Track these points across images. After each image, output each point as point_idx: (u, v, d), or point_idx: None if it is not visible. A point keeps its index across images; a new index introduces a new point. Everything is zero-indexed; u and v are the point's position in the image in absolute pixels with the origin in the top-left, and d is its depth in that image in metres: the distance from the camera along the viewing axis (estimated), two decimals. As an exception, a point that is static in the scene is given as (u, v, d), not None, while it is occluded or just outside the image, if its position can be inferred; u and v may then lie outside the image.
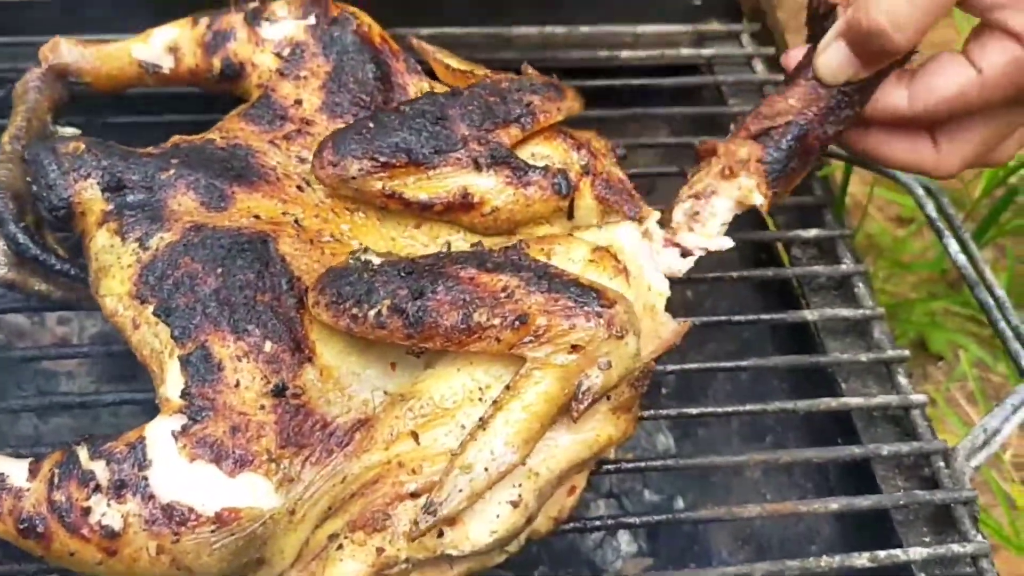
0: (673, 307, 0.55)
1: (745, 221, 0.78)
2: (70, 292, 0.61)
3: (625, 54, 0.79)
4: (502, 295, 0.50)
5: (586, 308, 0.49)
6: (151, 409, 0.70)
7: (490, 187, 0.57)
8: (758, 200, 0.59)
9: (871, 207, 1.18)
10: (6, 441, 0.71)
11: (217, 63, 0.65)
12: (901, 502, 0.56)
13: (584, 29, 0.81)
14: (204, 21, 0.66)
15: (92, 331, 0.82)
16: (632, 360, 0.51)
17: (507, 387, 0.50)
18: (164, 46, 0.66)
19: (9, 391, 0.73)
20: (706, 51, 0.81)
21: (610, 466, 0.55)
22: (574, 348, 0.49)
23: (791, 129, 0.58)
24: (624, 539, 0.71)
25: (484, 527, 0.49)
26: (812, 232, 0.70)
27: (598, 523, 0.56)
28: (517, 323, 0.49)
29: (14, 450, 0.54)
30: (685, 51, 0.81)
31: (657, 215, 0.58)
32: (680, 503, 0.72)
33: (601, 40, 0.82)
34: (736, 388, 0.76)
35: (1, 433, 0.71)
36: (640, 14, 0.82)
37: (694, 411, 0.60)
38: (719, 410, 0.60)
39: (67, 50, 0.67)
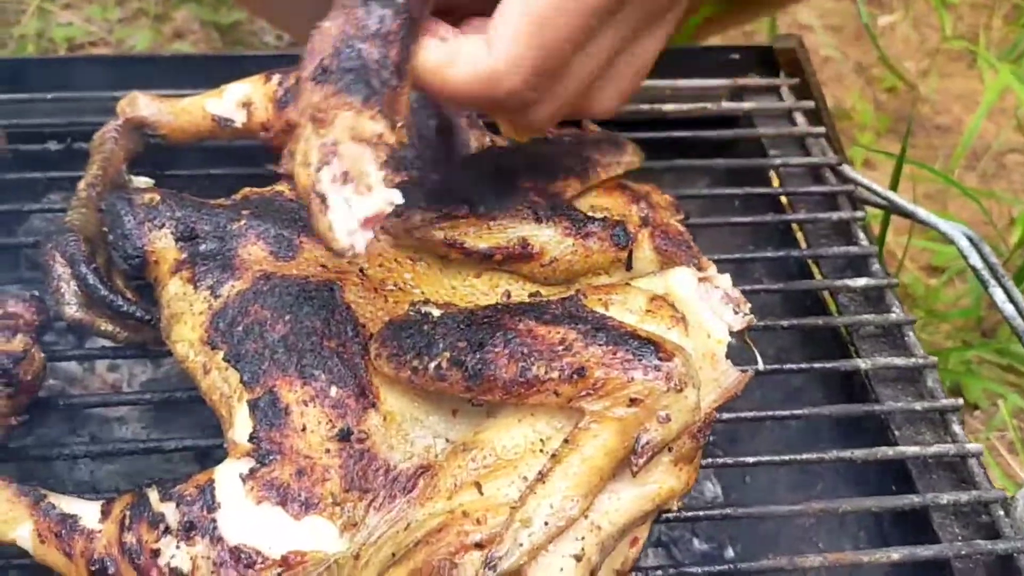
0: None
1: (793, 270, 0.79)
2: (135, 334, 0.63)
3: (668, 107, 0.82)
4: (560, 348, 0.51)
5: (644, 361, 0.50)
6: (203, 456, 0.72)
7: (549, 238, 0.59)
8: None
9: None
10: (64, 486, 0.72)
11: (287, 117, 0.68)
12: (963, 552, 0.56)
13: (626, 84, 0.83)
14: (276, 78, 0.69)
15: (142, 379, 0.83)
16: (691, 413, 0.51)
17: (566, 440, 0.51)
18: (237, 101, 0.69)
19: (66, 437, 0.74)
20: (746, 104, 0.84)
21: (669, 515, 0.55)
22: (633, 401, 0.50)
23: None
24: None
25: (549, 581, 0.49)
26: (861, 281, 0.71)
27: (659, 572, 0.56)
28: (575, 376, 0.50)
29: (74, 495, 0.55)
30: (726, 104, 0.83)
31: (714, 267, 0.59)
32: (730, 552, 0.72)
33: (640, 94, 0.84)
34: (783, 436, 0.76)
35: (59, 479, 0.72)
36: (679, 68, 0.85)
37: (751, 460, 0.60)
38: (776, 459, 0.60)
39: (144, 104, 0.70)
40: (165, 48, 1.53)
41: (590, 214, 0.60)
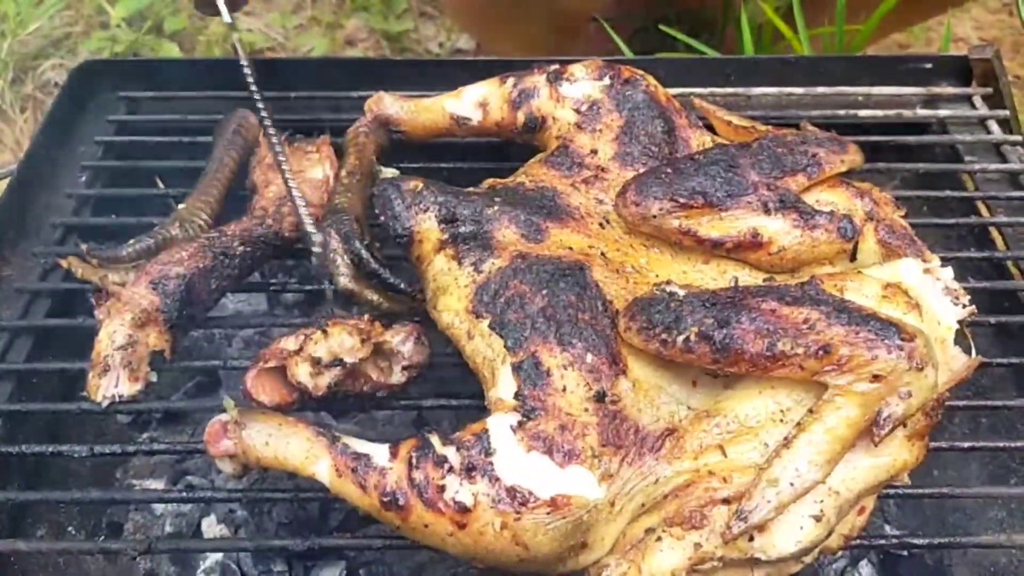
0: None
1: (988, 271, 0.82)
2: (394, 304, 0.72)
3: (863, 113, 0.86)
4: (804, 327, 0.56)
5: (887, 341, 0.55)
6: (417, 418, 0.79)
7: (778, 228, 0.64)
8: None
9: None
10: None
11: (521, 117, 0.76)
12: None
13: (821, 90, 0.88)
14: (511, 81, 0.76)
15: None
16: (931, 390, 0.55)
17: (810, 411, 0.56)
18: (474, 102, 0.77)
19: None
20: (941, 112, 0.86)
21: (901, 490, 0.59)
22: (875, 378, 0.54)
23: None
24: (866, 571, 0.74)
25: (790, 537, 0.55)
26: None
27: (883, 542, 0.59)
28: (820, 352, 0.55)
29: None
30: (922, 111, 0.86)
31: (938, 260, 0.63)
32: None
33: (834, 100, 0.88)
34: (974, 430, 0.78)
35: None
36: (873, 76, 0.88)
37: (965, 445, 0.63)
38: (993, 444, 0.63)
39: (389, 103, 0.79)
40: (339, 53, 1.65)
41: (816, 208, 0.65)
